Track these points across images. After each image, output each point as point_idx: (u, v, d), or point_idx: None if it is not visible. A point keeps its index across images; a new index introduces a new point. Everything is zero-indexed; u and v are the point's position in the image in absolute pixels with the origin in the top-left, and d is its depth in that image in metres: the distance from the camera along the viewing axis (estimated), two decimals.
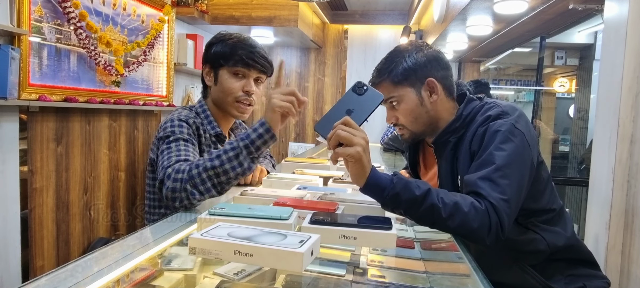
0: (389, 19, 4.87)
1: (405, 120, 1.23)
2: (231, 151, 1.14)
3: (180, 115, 1.43)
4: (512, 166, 1.05)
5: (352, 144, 0.96)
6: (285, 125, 5.50)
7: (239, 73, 1.45)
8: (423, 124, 1.23)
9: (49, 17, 2.25)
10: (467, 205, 0.99)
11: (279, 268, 0.79)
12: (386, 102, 1.25)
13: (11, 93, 1.97)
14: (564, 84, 5.47)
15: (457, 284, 0.88)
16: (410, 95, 1.21)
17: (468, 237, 1.02)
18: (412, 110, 1.22)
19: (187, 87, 3.76)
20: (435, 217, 0.99)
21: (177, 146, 1.31)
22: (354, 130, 0.97)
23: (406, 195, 0.99)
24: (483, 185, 1.03)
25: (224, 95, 1.47)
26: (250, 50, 1.45)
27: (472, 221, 0.98)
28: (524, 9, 2.54)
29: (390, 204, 1.01)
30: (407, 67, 1.21)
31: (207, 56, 1.50)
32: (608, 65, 1.61)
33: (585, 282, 1.19)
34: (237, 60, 1.44)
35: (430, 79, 1.21)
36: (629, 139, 1.47)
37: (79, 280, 0.68)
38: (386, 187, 0.99)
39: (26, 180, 2.19)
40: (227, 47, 1.45)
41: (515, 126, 1.10)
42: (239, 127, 1.70)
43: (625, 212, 1.48)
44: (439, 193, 1.01)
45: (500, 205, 1.00)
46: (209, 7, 3.75)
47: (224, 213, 0.92)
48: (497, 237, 1.00)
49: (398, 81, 1.21)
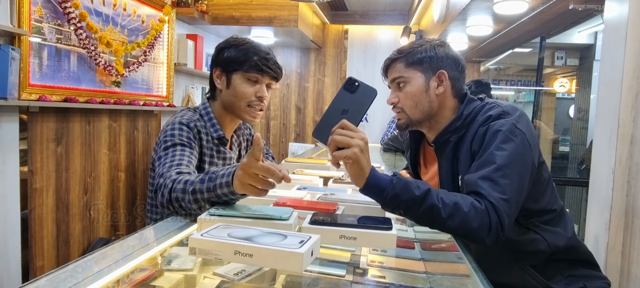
0: (389, 20, 4.87)
1: (406, 103, 1.24)
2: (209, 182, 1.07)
3: (182, 117, 1.44)
4: (512, 166, 1.05)
5: (349, 146, 0.96)
6: (285, 125, 5.47)
7: (252, 78, 1.47)
8: (421, 112, 1.24)
9: (49, 17, 2.25)
10: (467, 205, 0.99)
11: (279, 268, 0.79)
12: (393, 82, 1.27)
13: (11, 93, 1.97)
14: (564, 84, 5.47)
15: (457, 284, 0.88)
16: (418, 79, 1.23)
17: (468, 237, 1.02)
18: (415, 94, 1.23)
19: (187, 87, 3.76)
20: (435, 217, 0.99)
21: (173, 152, 1.32)
22: (351, 133, 0.97)
23: (406, 195, 0.99)
24: (483, 184, 1.03)
25: (236, 100, 1.48)
26: (264, 56, 1.47)
27: (472, 221, 0.98)
28: (524, 9, 2.54)
29: (390, 205, 1.01)
30: (425, 55, 1.24)
31: (219, 59, 1.51)
32: (608, 66, 1.61)
33: (585, 282, 1.19)
34: (252, 66, 1.45)
35: (442, 71, 1.24)
36: (629, 139, 1.47)
37: (79, 280, 0.68)
38: (386, 187, 0.99)
39: (26, 180, 2.19)
40: (241, 52, 1.47)
41: (516, 126, 1.10)
42: (242, 127, 1.70)
43: (625, 213, 1.48)
44: (439, 194, 1.01)
45: (500, 204, 1.00)
46: (209, 8, 3.75)
47: (224, 214, 0.92)
48: (498, 237, 1.00)
49: (411, 63, 1.24)
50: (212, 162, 1.48)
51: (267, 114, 5.16)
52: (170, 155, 1.31)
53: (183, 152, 1.32)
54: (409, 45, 1.29)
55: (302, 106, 5.12)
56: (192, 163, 1.29)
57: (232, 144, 1.62)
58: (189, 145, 1.36)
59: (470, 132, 1.18)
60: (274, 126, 5.18)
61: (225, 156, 1.54)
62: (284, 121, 5.16)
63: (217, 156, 1.50)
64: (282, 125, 5.17)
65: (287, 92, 5.14)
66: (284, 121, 5.16)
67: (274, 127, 5.18)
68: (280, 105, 5.15)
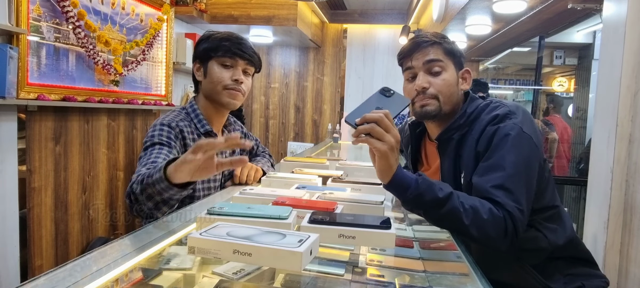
0: (387, 19, 4.87)
1: (443, 90, 1.21)
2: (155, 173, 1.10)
3: (164, 119, 1.46)
4: (523, 172, 1.07)
5: (383, 139, 0.96)
6: (284, 124, 5.47)
7: (226, 63, 1.49)
8: (451, 104, 1.24)
9: (48, 16, 2.24)
10: (485, 211, 1.01)
11: (278, 267, 0.79)
12: (426, 65, 1.22)
13: (9, 92, 1.96)
14: (562, 83, 5.48)
15: (456, 283, 0.88)
16: (453, 69, 1.24)
17: (484, 243, 1.04)
18: (451, 83, 1.23)
19: (185, 86, 3.75)
20: (455, 222, 1.01)
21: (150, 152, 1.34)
22: (389, 126, 0.97)
23: (429, 196, 1.00)
24: (497, 193, 1.04)
25: (213, 85, 1.50)
26: (237, 41, 1.49)
27: (490, 228, 1.01)
28: (523, 8, 2.54)
29: (411, 204, 1.02)
30: (456, 48, 1.25)
31: (197, 53, 1.53)
32: (607, 65, 1.61)
33: (583, 281, 1.20)
34: (225, 51, 1.48)
35: (467, 69, 1.27)
36: (628, 138, 1.48)
37: (78, 279, 0.68)
38: (410, 185, 1.00)
39: (25, 179, 2.18)
40: (216, 41, 1.50)
41: (523, 129, 1.11)
42: (233, 124, 1.70)
43: (623, 211, 1.49)
44: (460, 197, 1.02)
45: (516, 213, 1.03)
46: (207, 6, 3.74)
47: (223, 213, 0.92)
48: (511, 243, 1.03)
49: (449, 51, 1.24)
50: None
51: (266, 113, 5.16)
52: (147, 155, 1.32)
53: (160, 151, 1.33)
54: (440, 34, 1.27)
55: (301, 105, 5.12)
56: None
57: None
58: (168, 144, 1.37)
59: (474, 130, 1.18)
60: (273, 125, 5.18)
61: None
62: (282, 120, 5.16)
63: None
64: (281, 124, 5.17)
65: (286, 91, 5.14)
66: (282, 120, 5.16)
67: (273, 126, 5.18)
68: (279, 104, 5.15)
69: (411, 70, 1.25)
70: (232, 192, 1.21)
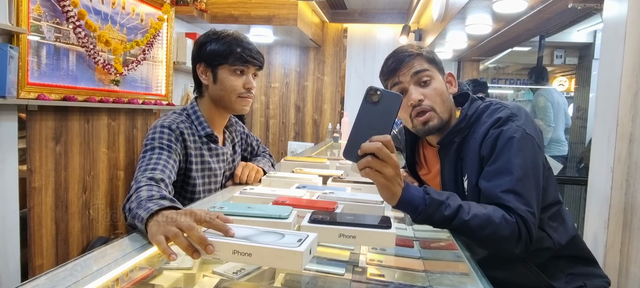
0: (388, 18, 4.87)
1: (435, 100, 1.20)
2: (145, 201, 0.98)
3: (165, 120, 1.44)
4: (531, 175, 1.08)
5: (382, 171, 0.94)
6: (284, 124, 5.46)
7: (238, 71, 1.47)
8: (447, 110, 1.23)
9: (48, 15, 2.25)
10: (498, 218, 1.01)
11: (279, 267, 0.79)
12: (414, 77, 1.20)
13: (10, 92, 1.96)
14: (563, 83, 5.47)
15: (456, 283, 0.88)
16: (439, 76, 1.24)
17: (498, 249, 1.05)
18: (442, 91, 1.22)
19: (186, 86, 3.75)
20: (467, 234, 1.02)
21: (150, 155, 1.32)
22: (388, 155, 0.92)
23: (438, 216, 1.00)
24: (508, 197, 1.04)
25: (226, 94, 1.48)
26: (247, 47, 1.48)
27: (503, 233, 1.01)
28: (523, 8, 2.54)
29: (421, 221, 1.02)
30: (434, 56, 1.26)
31: (201, 55, 1.50)
32: (607, 64, 1.61)
33: (585, 280, 1.20)
34: (237, 58, 1.46)
35: (450, 73, 1.27)
36: (628, 137, 1.47)
37: (78, 279, 0.68)
38: (418, 206, 1.00)
39: (25, 179, 2.18)
40: (224, 45, 1.46)
41: (526, 132, 1.11)
42: (234, 124, 1.70)
43: (624, 211, 1.49)
44: (471, 209, 1.02)
45: (528, 217, 1.03)
46: (208, 6, 3.74)
47: (224, 212, 0.92)
48: (526, 248, 1.04)
49: (431, 60, 1.24)
50: (203, 161, 1.48)
51: (267, 113, 5.16)
52: (147, 158, 1.30)
53: (160, 156, 1.31)
54: (416, 46, 1.28)
55: (302, 105, 5.12)
56: (168, 168, 1.27)
57: (224, 140, 1.62)
58: (168, 149, 1.35)
59: (476, 133, 1.17)
60: (273, 125, 5.18)
61: (218, 152, 1.53)
62: (283, 120, 5.16)
63: (209, 154, 1.50)
64: (281, 123, 5.17)
65: (286, 90, 5.13)
66: (283, 120, 5.16)
67: (273, 125, 5.18)
68: (280, 103, 5.15)
69: (399, 85, 1.22)
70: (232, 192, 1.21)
